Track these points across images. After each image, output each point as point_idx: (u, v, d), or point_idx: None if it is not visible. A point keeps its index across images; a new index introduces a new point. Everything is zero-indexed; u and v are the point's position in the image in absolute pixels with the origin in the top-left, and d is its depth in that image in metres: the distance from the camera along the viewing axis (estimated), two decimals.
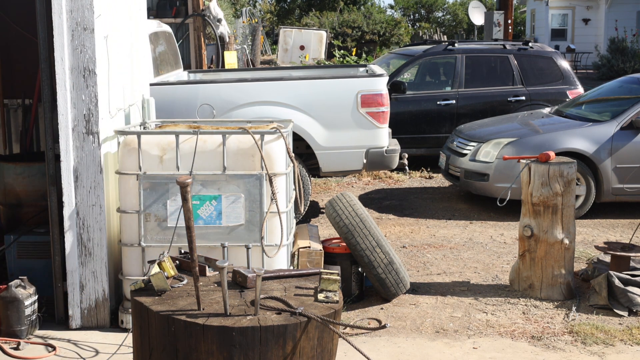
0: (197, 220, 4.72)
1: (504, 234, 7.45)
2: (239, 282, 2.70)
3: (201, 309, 2.44)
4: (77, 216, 4.88)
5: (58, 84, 4.77)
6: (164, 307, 2.45)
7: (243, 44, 20.92)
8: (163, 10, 12.17)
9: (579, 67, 26.09)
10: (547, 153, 5.64)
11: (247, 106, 7.14)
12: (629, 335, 4.92)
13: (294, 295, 2.66)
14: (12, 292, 4.73)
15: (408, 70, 11.13)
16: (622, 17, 27.69)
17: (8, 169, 5.64)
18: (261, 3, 37.27)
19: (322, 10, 30.23)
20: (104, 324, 4.96)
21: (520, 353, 4.70)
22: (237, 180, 4.74)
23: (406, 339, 4.89)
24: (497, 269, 6.35)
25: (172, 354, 2.39)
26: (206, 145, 4.76)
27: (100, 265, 4.92)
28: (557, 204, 5.50)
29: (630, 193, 7.91)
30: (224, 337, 2.32)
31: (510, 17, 20.66)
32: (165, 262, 2.75)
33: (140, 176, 4.76)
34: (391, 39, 25.77)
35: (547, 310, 5.37)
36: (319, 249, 5.33)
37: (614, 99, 8.90)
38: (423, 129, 10.43)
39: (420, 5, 40.25)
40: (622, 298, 5.32)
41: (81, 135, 4.83)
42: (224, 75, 8.88)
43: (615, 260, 5.60)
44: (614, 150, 7.81)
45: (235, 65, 13.52)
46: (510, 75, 10.69)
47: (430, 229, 7.67)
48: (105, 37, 4.94)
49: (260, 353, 2.34)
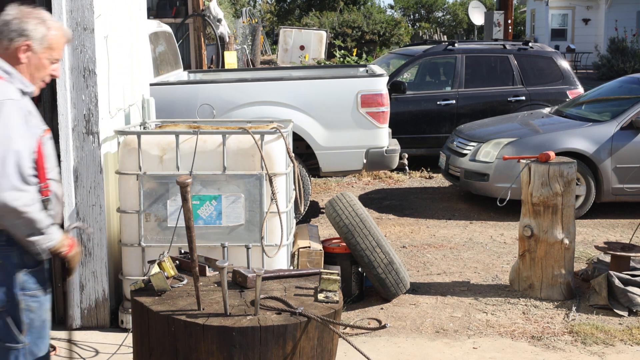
0: (197, 220, 4.72)
1: (504, 234, 7.44)
2: (239, 282, 2.70)
3: (201, 309, 2.44)
4: (77, 216, 4.88)
5: (58, 84, 4.77)
6: (164, 307, 2.45)
7: (243, 44, 20.92)
8: (163, 10, 12.17)
9: (579, 67, 26.08)
10: (547, 153, 5.64)
11: (247, 106, 7.13)
12: (629, 335, 4.92)
13: (294, 295, 2.66)
14: None
15: (408, 70, 11.13)
16: (622, 17, 27.69)
17: None
18: (261, 3, 37.26)
19: (322, 10, 30.22)
20: (104, 324, 4.96)
21: (520, 353, 4.70)
22: (237, 180, 4.74)
23: (406, 339, 4.89)
24: (497, 269, 6.35)
25: (172, 354, 2.39)
26: (206, 145, 4.75)
27: (100, 265, 4.92)
28: (557, 204, 5.50)
29: (630, 193, 7.91)
30: (224, 337, 2.32)
31: (510, 17, 20.67)
32: (165, 262, 2.75)
33: (140, 176, 4.76)
34: (391, 39, 25.76)
35: (547, 310, 5.37)
36: (319, 249, 5.33)
37: (614, 99, 8.90)
38: (423, 129, 10.43)
39: (420, 5, 40.24)
40: (622, 298, 5.32)
41: (81, 135, 4.83)
42: (224, 75, 8.88)
43: (615, 260, 5.60)
44: (614, 150, 7.81)
45: (235, 65, 13.52)
46: (510, 75, 10.69)
47: (430, 229, 7.67)
48: (105, 37, 4.94)
49: (260, 353, 2.34)
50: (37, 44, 2.92)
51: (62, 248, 2.86)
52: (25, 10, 2.94)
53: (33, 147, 2.81)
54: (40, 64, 2.95)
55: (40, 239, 2.75)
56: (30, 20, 2.92)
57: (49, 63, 2.99)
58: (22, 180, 2.71)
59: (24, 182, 2.72)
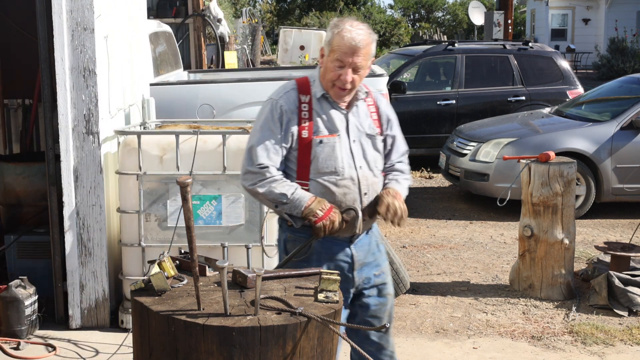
0: (197, 220, 4.72)
1: (504, 234, 7.44)
2: (239, 282, 2.70)
3: (201, 309, 2.44)
4: (77, 216, 4.88)
5: (58, 84, 4.77)
6: (164, 307, 2.45)
7: (243, 44, 20.91)
8: (163, 10, 12.17)
9: (579, 67, 26.08)
10: (547, 153, 5.64)
11: (247, 106, 7.13)
12: (629, 335, 4.92)
13: (294, 295, 2.66)
14: (12, 292, 4.73)
15: (408, 70, 11.13)
16: (622, 17, 27.69)
17: (8, 169, 5.64)
18: (261, 3, 37.26)
19: (322, 10, 30.24)
20: (104, 324, 4.96)
21: (520, 353, 4.70)
22: (237, 180, 4.72)
23: (406, 339, 4.89)
24: (497, 269, 6.35)
25: (172, 354, 2.39)
26: (206, 145, 4.75)
27: (100, 265, 4.92)
28: (557, 204, 5.50)
29: (630, 193, 7.91)
30: (224, 337, 2.32)
31: (510, 17, 20.66)
32: (165, 262, 2.75)
33: (140, 176, 4.76)
34: (391, 39, 25.79)
35: (547, 310, 5.37)
36: None
37: (614, 99, 8.90)
38: (423, 129, 10.42)
39: (420, 5, 40.24)
40: (622, 298, 5.32)
41: (81, 135, 4.83)
42: (224, 75, 8.88)
43: (615, 260, 5.60)
44: (614, 150, 7.81)
45: (235, 65, 13.52)
46: (510, 75, 10.69)
47: (430, 229, 7.67)
48: (105, 37, 4.94)
49: (260, 353, 2.34)
50: (325, 47, 3.18)
51: (310, 215, 3.08)
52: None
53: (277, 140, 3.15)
54: (326, 67, 3.18)
55: (283, 208, 3.12)
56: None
57: (334, 67, 3.12)
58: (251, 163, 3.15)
59: (252, 165, 3.14)
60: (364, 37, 3.09)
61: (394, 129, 3.38)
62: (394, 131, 3.38)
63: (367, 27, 3.18)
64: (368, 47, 3.12)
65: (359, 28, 3.12)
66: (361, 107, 3.27)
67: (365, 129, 3.26)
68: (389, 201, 3.19)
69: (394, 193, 3.24)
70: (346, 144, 3.20)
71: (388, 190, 3.27)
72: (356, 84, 3.16)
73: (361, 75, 3.14)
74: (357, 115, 3.25)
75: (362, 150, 3.24)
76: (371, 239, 3.37)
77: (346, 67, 3.09)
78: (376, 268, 3.37)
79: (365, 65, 3.14)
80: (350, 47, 3.07)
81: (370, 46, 3.14)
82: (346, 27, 3.10)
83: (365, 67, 3.15)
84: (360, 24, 3.16)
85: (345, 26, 3.10)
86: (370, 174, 3.26)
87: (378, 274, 3.38)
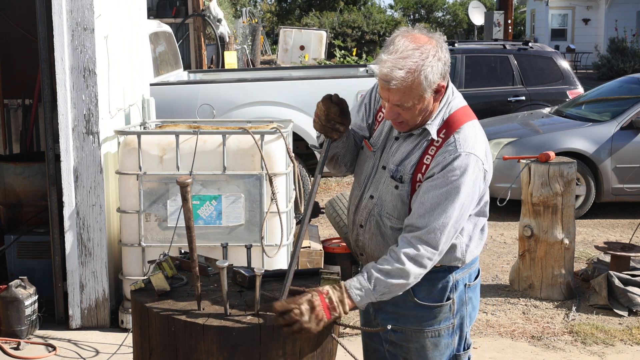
0: (197, 220, 4.72)
1: (504, 234, 7.44)
2: (239, 282, 2.70)
3: (201, 309, 2.44)
4: (77, 216, 4.88)
5: (58, 84, 4.77)
6: (164, 307, 2.45)
7: (243, 44, 20.91)
8: (163, 10, 12.17)
9: (579, 67, 26.08)
10: (547, 153, 5.64)
11: (247, 106, 7.13)
12: (629, 335, 4.92)
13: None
14: (12, 292, 4.73)
15: None
16: (622, 17, 27.70)
17: (8, 169, 5.64)
18: (261, 3, 37.28)
19: (322, 10, 30.23)
20: (104, 324, 4.96)
21: (520, 353, 4.70)
22: (237, 180, 4.74)
23: None
24: (497, 269, 6.35)
25: (172, 354, 2.39)
26: (206, 145, 4.75)
27: (100, 265, 4.92)
28: (557, 204, 5.50)
29: (630, 193, 7.91)
30: (224, 337, 2.32)
31: (510, 17, 20.68)
32: (165, 262, 2.75)
33: (140, 176, 4.76)
34: None
35: (547, 310, 5.37)
36: (319, 249, 5.33)
37: (614, 99, 8.90)
38: None
39: (420, 5, 40.22)
40: (622, 298, 5.32)
41: (81, 135, 4.83)
42: (224, 75, 8.89)
43: (615, 260, 5.60)
44: (613, 150, 7.81)
45: (235, 65, 13.52)
46: (510, 75, 10.69)
47: None
48: (105, 37, 4.94)
49: (260, 353, 2.34)
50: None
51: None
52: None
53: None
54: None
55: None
56: None
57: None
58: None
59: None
60: (401, 77, 2.33)
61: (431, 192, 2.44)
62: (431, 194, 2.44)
63: (413, 55, 2.34)
64: (406, 88, 2.36)
65: (400, 57, 2.33)
66: (419, 142, 2.52)
67: (400, 164, 2.55)
68: (292, 307, 2.31)
69: (333, 294, 2.47)
70: (375, 165, 2.65)
71: (335, 284, 2.49)
72: (409, 119, 2.46)
73: (412, 111, 2.42)
74: (404, 146, 2.56)
75: (384, 183, 2.59)
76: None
77: (386, 101, 2.45)
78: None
79: (412, 101, 2.39)
80: (382, 84, 2.40)
81: (410, 86, 2.35)
82: (382, 57, 2.38)
83: (415, 104, 2.41)
84: (408, 49, 2.34)
85: (382, 55, 2.38)
86: (375, 216, 2.62)
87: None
